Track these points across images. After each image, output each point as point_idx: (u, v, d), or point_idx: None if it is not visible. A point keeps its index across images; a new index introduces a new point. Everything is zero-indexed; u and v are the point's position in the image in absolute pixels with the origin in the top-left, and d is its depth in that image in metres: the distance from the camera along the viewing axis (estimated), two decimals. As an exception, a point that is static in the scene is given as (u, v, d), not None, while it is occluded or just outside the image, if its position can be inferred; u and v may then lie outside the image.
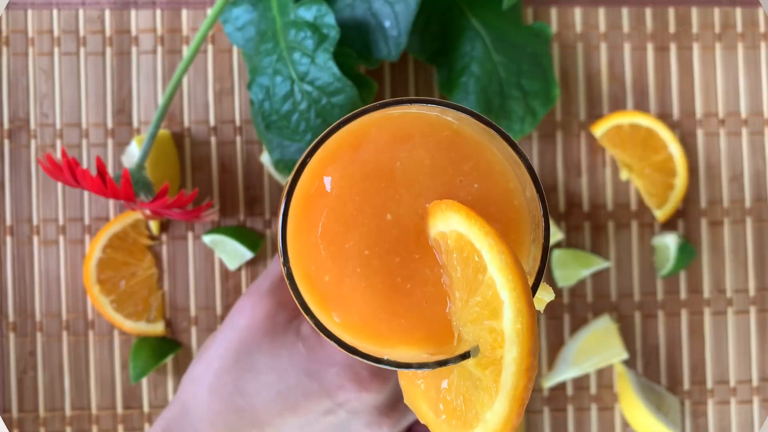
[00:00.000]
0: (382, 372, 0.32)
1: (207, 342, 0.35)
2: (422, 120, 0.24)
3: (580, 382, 0.48)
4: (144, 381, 0.46)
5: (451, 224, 0.22)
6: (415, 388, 0.24)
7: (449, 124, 0.24)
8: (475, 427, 0.21)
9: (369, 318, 0.24)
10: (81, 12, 0.47)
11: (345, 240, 0.24)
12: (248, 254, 0.45)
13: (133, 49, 0.47)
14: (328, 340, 0.23)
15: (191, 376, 0.34)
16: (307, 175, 0.24)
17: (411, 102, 0.24)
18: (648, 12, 0.49)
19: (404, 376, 0.26)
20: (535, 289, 0.24)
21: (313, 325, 0.24)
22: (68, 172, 0.37)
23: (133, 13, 0.47)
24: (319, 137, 0.24)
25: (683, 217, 0.48)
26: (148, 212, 0.41)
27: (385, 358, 0.23)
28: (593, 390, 0.48)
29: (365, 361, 0.23)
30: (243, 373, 0.32)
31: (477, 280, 0.21)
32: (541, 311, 0.24)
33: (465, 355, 0.22)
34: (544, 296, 0.24)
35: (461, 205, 0.22)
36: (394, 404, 0.33)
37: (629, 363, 0.48)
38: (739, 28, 0.49)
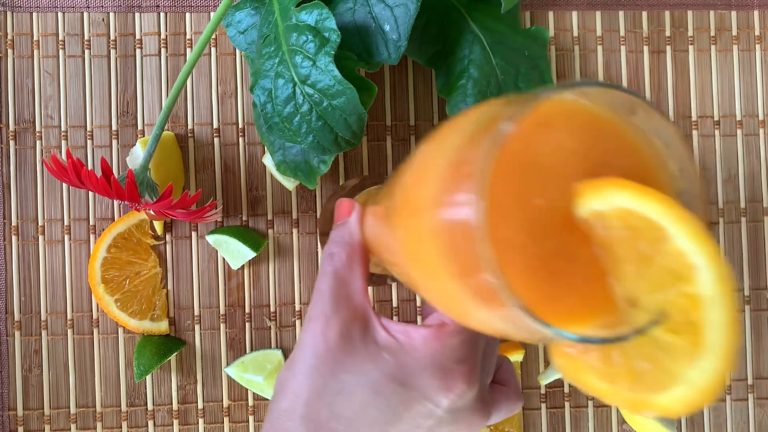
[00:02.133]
0: (472, 364, 0.31)
1: (281, 378, 0.32)
2: (560, 105, 0.24)
3: (577, 380, 0.48)
4: (148, 378, 0.47)
5: (612, 201, 0.21)
6: (577, 363, 0.24)
7: (588, 106, 0.24)
8: (668, 388, 0.21)
9: (533, 305, 0.23)
10: (85, 15, 0.47)
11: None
12: (250, 254, 0.46)
13: (137, 52, 0.47)
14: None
15: (277, 414, 0.31)
16: None
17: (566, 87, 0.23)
18: (644, 15, 0.49)
19: (560, 354, 0.25)
20: None
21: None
22: (73, 173, 0.37)
23: (137, 16, 0.47)
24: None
25: (679, 218, 0.49)
26: (152, 213, 0.41)
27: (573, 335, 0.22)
28: (590, 388, 0.48)
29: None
30: (335, 397, 0.30)
31: (656, 250, 0.21)
32: None
33: (653, 322, 0.22)
34: None
35: (629, 181, 0.21)
36: (484, 391, 0.32)
37: (626, 361, 0.48)
38: (734, 30, 0.50)
